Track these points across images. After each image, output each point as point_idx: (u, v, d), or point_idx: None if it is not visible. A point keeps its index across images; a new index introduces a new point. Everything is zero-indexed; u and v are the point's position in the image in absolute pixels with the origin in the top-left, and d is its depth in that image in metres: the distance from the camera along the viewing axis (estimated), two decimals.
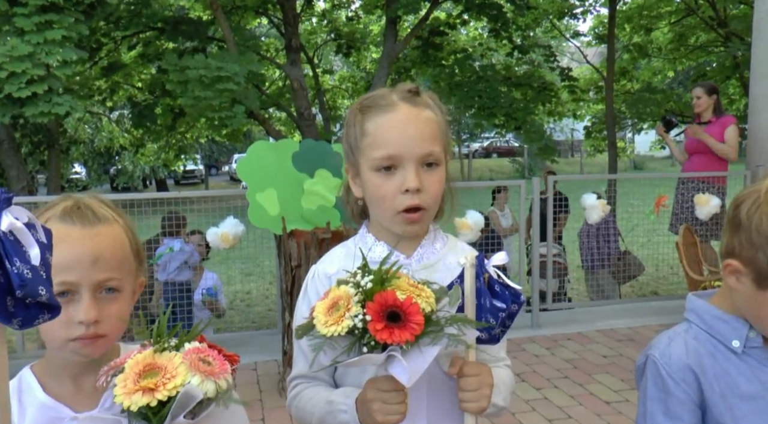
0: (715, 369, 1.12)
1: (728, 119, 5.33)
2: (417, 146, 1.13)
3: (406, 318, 0.95)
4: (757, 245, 1.06)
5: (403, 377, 0.96)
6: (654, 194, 5.59)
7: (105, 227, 1.03)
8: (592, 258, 6.39)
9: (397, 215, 1.15)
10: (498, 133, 13.60)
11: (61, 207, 1.02)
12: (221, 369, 0.92)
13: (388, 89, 1.20)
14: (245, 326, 6.97)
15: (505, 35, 10.26)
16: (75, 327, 0.99)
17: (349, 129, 1.21)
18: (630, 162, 29.14)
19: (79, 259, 0.99)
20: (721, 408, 1.11)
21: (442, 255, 1.22)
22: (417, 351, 0.96)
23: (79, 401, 1.06)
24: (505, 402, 1.20)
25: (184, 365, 0.89)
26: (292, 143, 3.95)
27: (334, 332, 0.95)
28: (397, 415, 1.05)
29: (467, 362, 1.10)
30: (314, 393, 1.19)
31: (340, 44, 12.16)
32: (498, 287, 1.06)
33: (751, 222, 1.06)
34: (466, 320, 1.01)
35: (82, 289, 0.99)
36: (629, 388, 3.71)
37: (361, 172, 1.19)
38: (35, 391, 1.06)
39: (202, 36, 8.66)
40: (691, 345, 1.14)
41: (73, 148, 13.38)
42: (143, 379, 0.88)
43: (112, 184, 27.06)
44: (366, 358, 0.96)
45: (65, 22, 5.87)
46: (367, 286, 0.98)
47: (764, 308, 1.08)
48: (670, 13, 11.69)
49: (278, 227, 3.67)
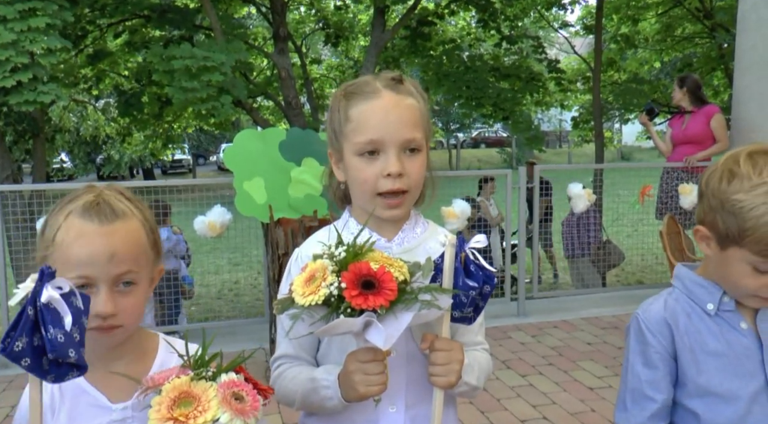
0: (687, 326, 1.23)
1: (712, 108, 5.41)
2: (399, 132, 1.16)
3: (380, 285, 0.99)
4: (714, 208, 1.16)
5: (379, 341, 0.99)
6: (640, 184, 5.65)
7: (122, 222, 1.07)
8: (573, 247, 6.46)
9: (376, 198, 1.18)
10: (486, 124, 13.60)
11: (82, 202, 1.06)
12: (252, 407, 0.95)
13: (372, 76, 1.23)
14: (233, 315, 6.98)
15: (493, 26, 10.26)
16: (92, 319, 1.02)
17: (333, 114, 1.23)
18: (617, 152, 29.31)
19: (96, 255, 1.03)
20: (689, 360, 1.22)
21: (423, 239, 1.25)
22: (392, 316, 1.00)
23: (113, 388, 1.10)
24: (478, 382, 1.23)
25: (216, 400, 0.92)
26: (279, 132, 3.95)
27: (311, 301, 0.99)
28: (378, 385, 1.08)
29: (439, 337, 1.13)
30: (297, 372, 1.22)
31: (329, 34, 12.10)
32: (473, 267, 1.10)
33: (708, 188, 1.18)
34: (438, 289, 1.05)
35: (99, 283, 1.04)
36: (613, 374, 3.77)
37: (344, 157, 1.21)
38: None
39: (189, 24, 8.58)
40: (670, 304, 1.26)
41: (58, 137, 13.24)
42: (177, 407, 0.92)
43: (99, 173, 26.83)
44: (342, 322, 0.99)
45: (49, 9, 5.79)
46: (341, 256, 1.01)
47: (727, 267, 1.18)
48: (657, 4, 11.74)
49: (265, 216, 3.68)
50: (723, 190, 1.14)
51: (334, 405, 1.15)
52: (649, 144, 24.64)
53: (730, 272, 1.17)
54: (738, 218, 1.11)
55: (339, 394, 1.13)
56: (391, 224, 1.24)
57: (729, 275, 1.18)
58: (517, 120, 9.88)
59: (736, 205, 1.11)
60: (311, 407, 1.21)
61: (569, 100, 13.96)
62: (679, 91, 5.44)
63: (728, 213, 1.13)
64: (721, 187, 1.15)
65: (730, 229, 1.13)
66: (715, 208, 1.16)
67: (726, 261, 1.17)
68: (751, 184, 1.11)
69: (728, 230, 1.14)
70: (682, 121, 5.50)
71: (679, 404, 1.24)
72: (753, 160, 1.13)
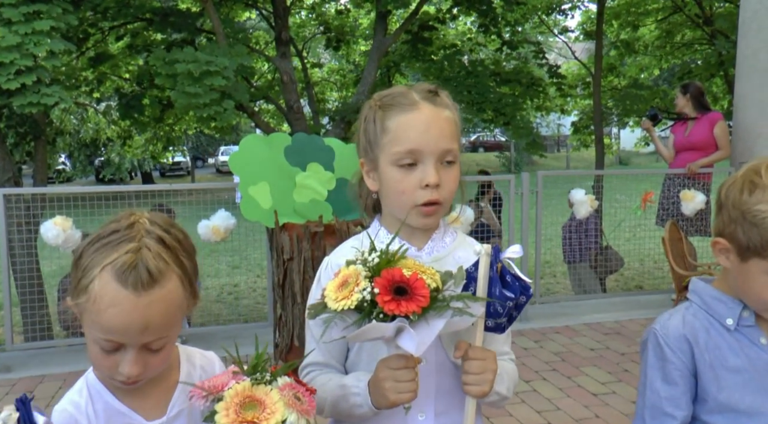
0: (707, 341, 1.22)
1: (715, 115, 5.45)
2: (438, 144, 1.18)
3: (412, 292, 1.00)
4: (734, 219, 1.16)
5: (411, 347, 0.99)
6: (639, 190, 5.68)
7: (159, 289, 1.01)
8: (572, 252, 6.47)
9: (413, 209, 1.19)
10: (486, 129, 13.63)
11: (120, 260, 0.99)
12: (311, 406, 0.99)
13: (407, 87, 1.24)
14: (233, 318, 6.98)
15: (494, 31, 10.29)
16: (118, 374, 1.03)
17: (367, 125, 1.24)
18: (615, 158, 29.36)
19: (128, 328, 1.00)
20: (709, 377, 1.20)
21: (452, 249, 1.26)
22: (424, 323, 1.01)
23: (147, 407, 1.10)
24: (508, 392, 1.24)
25: (282, 402, 0.96)
26: (285, 137, 3.96)
27: (344, 305, 1.00)
28: (408, 392, 1.08)
29: (473, 346, 1.14)
30: (327, 379, 1.22)
31: (330, 38, 12.12)
32: (509, 277, 1.11)
33: (728, 199, 1.18)
34: (470, 297, 1.06)
35: (128, 347, 1.02)
36: (616, 380, 3.78)
37: (379, 167, 1.22)
38: (106, 397, 1.09)
39: (191, 28, 8.59)
40: (689, 319, 1.24)
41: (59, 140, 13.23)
42: (244, 410, 0.94)
43: (98, 176, 26.81)
44: (374, 326, 0.99)
45: (53, 12, 5.80)
46: (375, 262, 1.02)
47: (748, 280, 1.17)
48: (657, 10, 11.78)
49: (270, 221, 3.69)
50: (744, 201, 1.14)
51: (363, 412, 1.15)
52: (647, 150, 24.71)
53: (751, 285, 1.17)
54: (760, 228, 1.12)
55: (369, 401, 1.13)
56: (421, 233, 1.25)
57: (750, 288, 1.17)
58: (518, 125, 9.91)
59: (759, 216, 1.12)
60: (341, 414, 1.21)
61: (569, 105, 13.99)
62: (682, 97, 5.48)
63: (750, 224, 1.13)
64: (743, 198, 1.15)
65: (752, 240, 1.13)
66: (736, 220, 1.16)
67: (747, 273, 1.16)
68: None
69: (750, 242, 1.13)
70: (685, 127, 5.53)
71: (699, 421, 1.23)
72: None
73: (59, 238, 4.04)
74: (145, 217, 1.07)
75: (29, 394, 0.91)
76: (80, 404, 1.08)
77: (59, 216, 4.13)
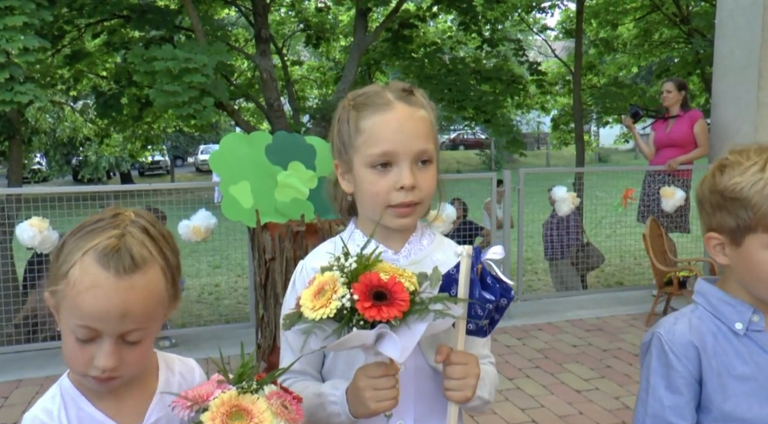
0: (715, 347, 1.16)
1: (696, 114, 5.52)
2: (413, 144, 1.14)
3: (392, 296, 0.97)
4: (716, 205, 1.15)
5: (395, 353, 0.97)
6: (619, 187, 5.72)
7: (141, 275, 0.98)
8: (553, 249, 6.51)
9: (388, 209, 1.16)
10: (467, 126, 13.64)
11: (102, 244, 0.98)
12: (298, 415, 0.97)
13: (381, 87, 1.21)
14: (214, 319, 6.91)
15: (474, 28, 10.31)
16: (93, 368, 0.99)
17: (341, 125, 1.21)
18: (595, 155, 29.62)
19: (107, 312, 0.97)
20: (715, 385, 1.15)
21: (430, 251, 1.23)
22: (405, 328, 0.98)
23: (123, 414, 1.06)
24: (490, 396, 1.22)
25: (269, 411, 0.94)
26: (265, 135, 3.92)
27: (323, 314, 0.96)
28: (389, 400, 1.06)
29: (455, 350, 1.11)
30: (303, 387, 1.19)
31: (310, 35, 12.06)
32: (490, 279, 1.08)
33: (705, 191, 1.18)
34: (449, 298, 1.03)
35: (105, 335, 0.98)
36: (599, 376, 3.81)
37: (353, 169, 1.19)
38: (81, 403, 1.05)
39: (170, 25, 8.48)
40: (695, 324, 1.19)
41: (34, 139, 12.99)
42: (231, 420, 0.92)
43: (75, 175, 26.41)
44: (356, 335, 0.96)
45: (26, 8, 5.69)
46: (352, 267, 0.99)
47: (749, 263, 1.12)
48: (636, 9, 11.90)
49: (252, 220, 3.64)
50: (718, 182, 1.15)
51: (341, 421, 1.13)
52: (626, 146, 24.95)
53: (753, 268, 1.12)
54: (742, 200, 1.11)
55: (347, 410, 1.11)
56: (398, 235, 1.22)
57: (753, 271, 1.12)
58: (498, 123, 9.93)
59: (737, 189, 1.11)
60: (318, 423, 1.18)
61: (549, 103, 14.08)
62: (677, 94, 5.53)
63: (732, 201, 1.12)
64: (716, 181, 1.15)
65: (740, 217, 1.11)
66: (718, 205, 1.15)
67: (747, 257, 1.12)
68: (742, 167, 1.12)
69: (738, 220, 1.11)
70: (666, 124, 5.58)
71: None
72: (737, 151, 1.17)
73: (35, 239, 3.97)
74: (131, 210, 1.05)
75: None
76: (52, 411, 1.04)
77: (35, 217, 4.06)
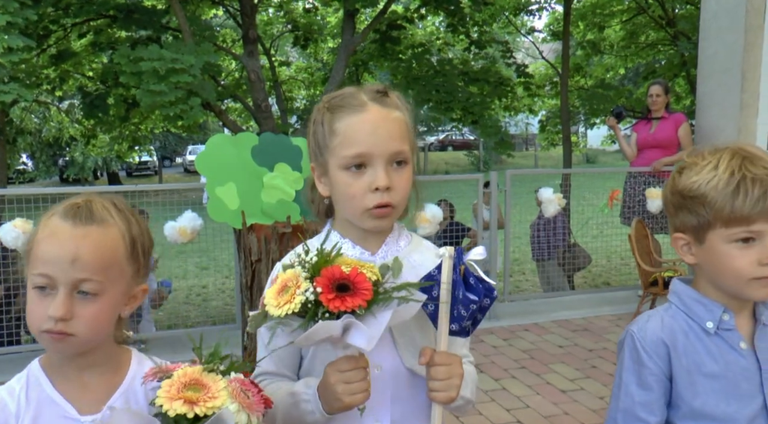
0: (686, 345, 1.20)
1: (680, 117, 5.59)
2: (387, 145, 1.15)
3: (355, 286, 0.98)
4: (678, 205, 1.19)
5: (362, 342, 0.98)
6: (606, 188, 5.76)
7: (97, 228, 1.04)
8: (540, 250, 6.54)
9: (365, 212, 1.16)
10: (455, 128, 13.69)
11: (68, 203, 1.06)
12: (258, 405, 0.99)
13: (356, 88, 1.21)
14: (201, 320, 6.88)
15: (462, 30, 10.34)
16: (46, 320, 1.01)
17: (316, 127, 1.21)
18: (583, 156, 29.80)
19: (60, 256, 1.01)
20: (685, 382, 1.19)
21: (407, 253, 1.23)
22: (371, 316, 0.99)
23: (85, 400, 1.07)
24: (472, 396, 1.23)
25: (226, 391, 0.96)
26: (252, 137, 3.91)
27: (288, 309, 0.97)
28: (361, 393, 1.07)
29: (438, 351, 1.12)
30: (277, 388, 1.20)
31: (297, 36, 12.04)
32: (473, 279, 1.08)
33: (668, 192, 1.22)
34: (413, 284, 1.04)
35: (59, 285, 1.02)
36: (584, 377, 3.83)
37: (329, 171, 1.19)
38: (43, 385, 1.07)
39: (157, 25, 8.44)
40: (667, 322, 1.22)
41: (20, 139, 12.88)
42: (187, 390, 0.94)
43: (62, 176, 26.19)
44: (322, 326, 0.97)
45: (10, 6, 5.64)
46: (313, 261, 1.01)
47: (716, 260, 1.16)
48: (622, 11, 12.00)
49: (238, 221, 3.63)
50: (678, 183, 1.20)
51: (315, 419, 1.13)
52: (613, 147, 25.12)
53: (717, 262, 1.16)
54: (699, 197, 1.15)
55: (320, 407, 1.11)
56: (374, 237, 1.22)
57: (718, 266, 1.16)
58: (486, 124, 9.98)
59: (694, 187, 1.16)
60: (293, 422, 1.18)
61: (536, 105, 14.16)
62: (665, 96, 5.61)
63: (691, 200, 1.16)
64: (676, 182, 1.20)
65: (700, 215, 1.15)
66: (680, 205, 1.19)
67: (713, 254, 1.16)
68: (698, 167, 1.17)
69: (699, 218, 1.16)
70: (650, 126, 5.63)
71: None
72: (694, 153, 1.21)
73: (19, 240, 3.93)
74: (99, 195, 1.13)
75: None
76: (15, 389, 1.06)
77: (19, 218, 4.02)
